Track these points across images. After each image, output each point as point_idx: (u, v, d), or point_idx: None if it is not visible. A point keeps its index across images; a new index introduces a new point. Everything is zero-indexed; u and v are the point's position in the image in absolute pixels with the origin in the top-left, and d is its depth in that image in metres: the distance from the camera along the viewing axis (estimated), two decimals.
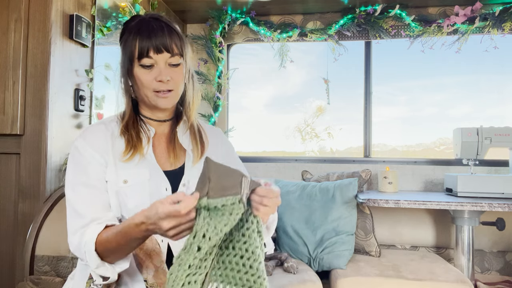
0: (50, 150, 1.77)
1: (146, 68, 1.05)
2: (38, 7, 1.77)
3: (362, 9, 2.67)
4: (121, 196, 1.04)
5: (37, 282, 1.54)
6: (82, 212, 1.00)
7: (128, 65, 1.06)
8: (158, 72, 1.04)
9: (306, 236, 2.22)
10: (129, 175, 1.05)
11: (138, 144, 1.07)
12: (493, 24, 2.50)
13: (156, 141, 1.14)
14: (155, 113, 1.14)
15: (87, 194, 1.02)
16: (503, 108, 2.88)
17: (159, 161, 1.11)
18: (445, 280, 1.87)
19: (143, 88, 1.06)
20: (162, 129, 1.16)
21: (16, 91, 1.76)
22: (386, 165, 2.66)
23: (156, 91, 1.06)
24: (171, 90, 1.07)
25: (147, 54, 1.03)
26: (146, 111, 1.14)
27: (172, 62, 1.06)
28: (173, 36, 1.06)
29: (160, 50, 1.04)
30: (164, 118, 1.16)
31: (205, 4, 2.73)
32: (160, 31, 1.04)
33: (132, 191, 1.04)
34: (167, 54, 1.05)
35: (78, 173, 1.04)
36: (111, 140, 1.08)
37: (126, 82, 1.10)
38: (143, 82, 1.05)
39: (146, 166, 1.07)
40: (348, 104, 3.09)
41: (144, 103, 1.12)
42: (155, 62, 1.04)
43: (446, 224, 2.45)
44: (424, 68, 2.94)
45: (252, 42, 2.95)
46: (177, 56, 1.06)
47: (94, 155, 1.05)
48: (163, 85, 1.05)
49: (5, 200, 1.79)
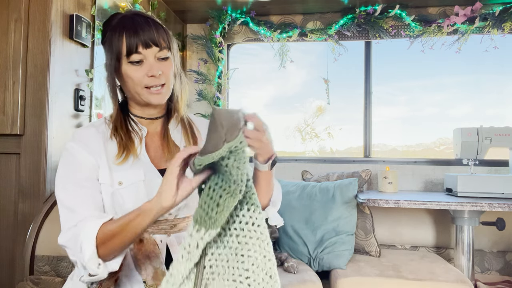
0: (50, 150, 1.77)
1: (135, 64, 1.03)
2: (38, 7, 1.77)
3: (362, 9, 2.67)
4: (117, 198, 1.03)
5: (37, 282, 1.54)
6: (75, 209, 0.97)
7: (115, 64, 1.04)
8: (149, 67, 1.03)
9: (306, 236, 2.22)
10: (124, 177, 1.04)
11: (130, 145, 1.06)
12: (493, 24, 2.50)
13: (149, 140, 1.13)
14: (146, 111, 1.13)
15: (79, 193, 1.00)
16: (503, 108, 2.88)
17: (154, 159, 1.10)
18: (445, 280, 1.87)
19: (134, 85, 1.04)
20: (154, 127, 1.15)
21: (16, 91, 1.75)
22: (386, 165, 2.66)
23: (148, 87, 1.04)
24: (163, 85, 1.05)
25: (136, 49, 1.01)
26: (136, 109, 1.13)
27: (161, 56, 1.05)
28: (160, 30, 1.05)
29: (149, 44, 1.02)
30: (156, 116, 1.14)
31: (205, 4, 2.73)
32: (146, 25, 1.03)
33: (127, 192, 1.03)
34: (156, 48, 1.03)
35: (69, 174, 1.02)
36: (103, 143, 1.07)
37: (113, 83, 1.09)
38: (134, 79, 1.03)
39: (140, 166, 1.06)
40: (348, 104, 3.09)
41: (135, 101, 1.11)
42: (144, 57, 1.03)
43: (446, 224, 2.45)
44: (424, 68, 2.94)
45: (252, 42, 2.96)
46: (165, 49, 1.05)
47: (86, 156, 1.03)
48: (155, 80, 1.04)
49: (5, 200, 1.79)
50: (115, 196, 1.03)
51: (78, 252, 0.92)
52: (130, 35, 1.01)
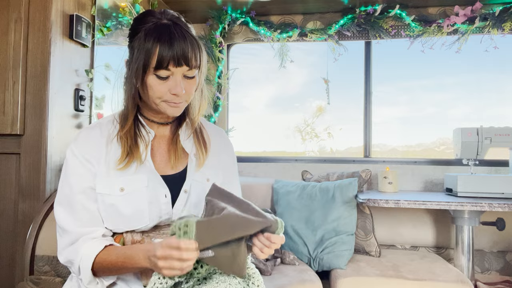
0: (50, 150, 1.77)
1: (161, 79, 0.98)
2: (38, 7, 1.77)
3: (362, 9, 2.67)
4: (118, 205, 1.00)
5: (37, 282, 1.54)
6: (67, 228, 0.99)
7: (141, 71, 0.97)
8: (174, 85, 0.98)
9: (306, 236, 2.22)
10: (126, 183, 1.01)
11: (135, 150, 1.02)
12: (493, 24, 2.50)
13: (155, 144, 1.09)
14: (159, 116, 1.09)
15: (71, 210, 1.00)
16: (503, 108, 2.88)
17: (159, 165, 1.07)
18: (445, 280, 1.87)
19: (153, 96, 1.00)
20: (162, 131, 1.12)
21: (16, 91, 1.76)
22: (386, 165, 2.66)
23: (166, 100, 1.00)
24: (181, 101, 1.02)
25: (166, 66, 0.96)
26: (149, 113, 1.09)
27: (188, 75, 1.00)
28: (194, 47, 0.98)
29: (181, 63, 0.96)
30: (167, 121, 1.11)
31: (205, 4, 2.73)
32: (182, 41, 0.96)
33: (129, 199, 1.00)
34: (186, 67, 0.98)
35: (64, 186, 1.02)
36: (105, 148, 1.03)
37: (133, 87, 1.02)
38: (156, 92, 0.99)
39: (144, 172, 1.03)
40: (348, 104, 3.09)
41: (149, 108, 1.07)
42: (172, 74, 0.98)
43: (446, 224, 2.45)
44: (424, 68, 2.94)
45: (252, 42, 2.95)
46: (194, 69, 1.00)
47: (85, 164, 1.01)
48: (177, 98, 1.00)
49: (5, 200, 1.79)
50: (114, 204, 1.00)
51: (78, 275, 0.98)
52: (164, 49, 0.95)
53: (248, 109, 3.31)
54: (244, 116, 3.25)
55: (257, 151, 3.21)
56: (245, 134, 3.14)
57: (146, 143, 1.06)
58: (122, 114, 1.07)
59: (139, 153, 1.03)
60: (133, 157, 1.02)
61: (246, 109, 3.31)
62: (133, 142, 1.03)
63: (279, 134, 3.22)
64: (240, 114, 3.19)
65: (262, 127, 3.30)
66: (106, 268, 0.96)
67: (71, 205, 1.00)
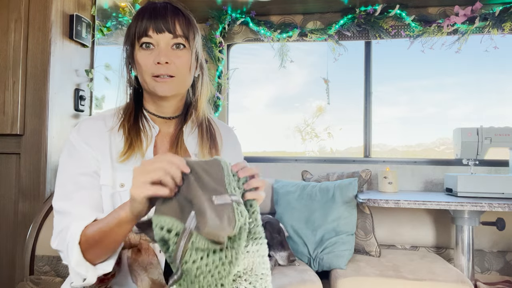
0: (50, 150, 1.77)
1: (145, 49, 0.97)
2: (38, 7, 1.77)
3: (362, 9, 2.67)
4: (117, 201, 0.98)
5: (37, 282, 1.54)
6: (67, 210, 0.93)
7: (130, 49, 1.00)
8: (157, 54, 0.96)
9: (306, 236, 2.22)
10: (126, 178, 0.98)
11: (137, 143, 1.00)
12: (493, 24, 2.50)
13: (159, 141, 1.06)
14: (160, 108, 1.06)
15: (76, 193, 0.95)
16: (503, 108, 2.88)
17: None
18: (445, 280, 1.87)
19: (142, 73, 0.99)
20: (167, 127, 1.08)
21: (16, 91, 1.76)
22: (386, 165, 2.66)
23: (155, 76, 0.97)
24: (172, 76, 0.98)
25: (146, 33, 0.96)
26: (150, 104, 1.06)
27: (175, 42, 0.98)
28: (178, 17, 0.98)
29: (161, 29, 0.95)
30: (170, 115, 1.07)
31: (205, 4, 2.73)
32: (162, 10, 0.97)
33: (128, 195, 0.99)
34: (169, 34, 0.96)
35: (69, 168, 0.97)
36: (108, 139, 1.01)
37: (128, 70, 1.04)
38: (142, 65, 0.98)
39: None
40: (348, 104, 3.10)
41: (147, 93, 1.05)
42: (156, 43, 0.97)
43: (446, 224, 2.45)
44: (424, 68, 2.94)
45: (252, 42, 2.95)
46: (180, 37, 0.97)
47: (88, 150, 0.98)
48: (162, 68, 0.96)
49: (5, 200, 1.79)
50: (116, 198, 0.98)
51: (67, 257, 0.89)
52: (144, 19, 0.97)
53: (248, 109, 3.32)
54: (244, 116, 3.25)
55: (257, 151, 3.21)
56: (245, 134, 3.14)
57: (150, 137, 1.03)
58: (125, 105, 1.07)
59: (142, 146, 1.00)
60: (135, 150, 0.99)
61: (246, 109, 3.31)
62: (135, 134, 1.01)
63: (279, 134, 3.22)
64: (240, 114, 3.19)
65: (262, 127, 3.30)
66: (92, 239, 0.86)
67: (74, 184, 0.95)
